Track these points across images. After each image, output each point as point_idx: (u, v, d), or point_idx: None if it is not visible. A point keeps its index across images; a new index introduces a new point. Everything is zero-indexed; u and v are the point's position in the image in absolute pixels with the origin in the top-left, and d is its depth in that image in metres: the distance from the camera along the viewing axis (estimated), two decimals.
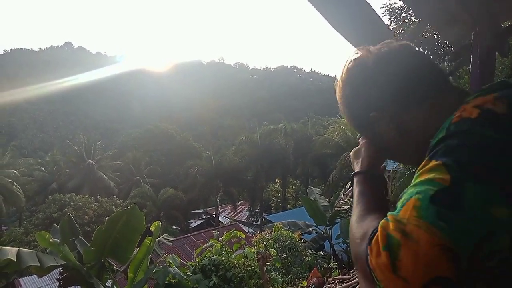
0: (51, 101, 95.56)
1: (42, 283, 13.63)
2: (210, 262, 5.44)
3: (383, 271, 0.60)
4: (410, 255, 0.57)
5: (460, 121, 0.69)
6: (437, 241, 0.56)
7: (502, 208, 0.58)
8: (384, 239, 0.61)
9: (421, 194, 0.61)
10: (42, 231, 5.34)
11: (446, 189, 0.60)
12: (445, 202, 0.59)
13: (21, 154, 61.21)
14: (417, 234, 0.57)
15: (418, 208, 0.60)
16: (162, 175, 41.01)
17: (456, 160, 0.63)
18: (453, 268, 0.55)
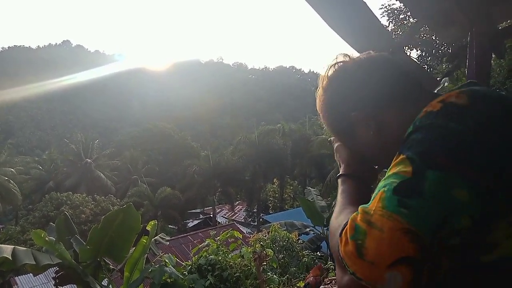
0: (49, 99, 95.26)
1: (38, 281, 13.59)
2: (207, 261, 5.43)
3: (350, 257, 0.65)
4: (374, 241, 0.62)
5: (425, 115, 0.74)
6: (399, 225, 0.61)
7: (463, 191, 0.63)
8: (352, 230, 0.66)
9: (386, 186, 0.66)
10: (38, 229, 5.31)
11: (407, 180, 0.65)
12: (406, 191, 0.64)
13: (18, 152, 61.02)
14: (380, 222, 0.63)
15: (383, 199, 0.65)
16: (159, 174, 40.96)
17: (417, 152, 0.68)
18: (416, 247, 0.60)
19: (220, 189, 32.58)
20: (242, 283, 5.45)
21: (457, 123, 0.69)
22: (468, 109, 0.71)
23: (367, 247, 0.63)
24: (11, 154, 42.48)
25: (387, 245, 0.61)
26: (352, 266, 0.65)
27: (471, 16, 2.03)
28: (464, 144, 0.66)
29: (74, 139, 43.23)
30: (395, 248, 0.60)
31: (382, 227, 0.62)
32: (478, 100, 0.73)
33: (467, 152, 0.66)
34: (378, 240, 0.62)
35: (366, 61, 0.94)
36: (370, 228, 0.63)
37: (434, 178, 0.64)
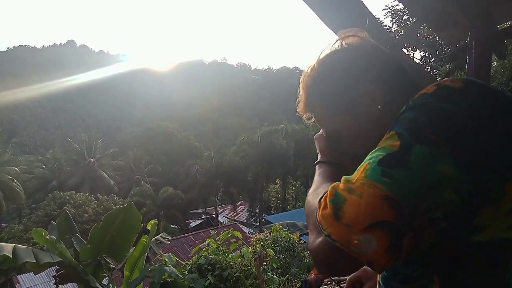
0: (53, 98, 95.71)
1: (40, 280, 13.65)
2: (207, 261, 5.43)
3: (327, 219, 0.66)
4: (352, 206, 0.63)
5: (419, 96, 0.74)
6: (379, 192, 0.62)
7: (449, 166, 0.63)
8: (332, 195, 0.67)
9: (372, 159, 0.67)
10: (39, 228, 5.33)
11: (394, 153, 0.66)
12: (391, 163, 0.65)
13: (22, 151, 61.33)
14: (360, 189, 0.64)
15: (366, 170, 0.66)
16: (162, 174, 41.03)
17: (407, 128, 0.68)
18: (393, 212, 0.61)
19: (222, 189, 32.62)
20: (242, 283, 5.44)
21: (450, 103, 0.69)
22: (462, 91, 0.72)
23: (344, 211, 0.64)
24: (15, 153, 42.69)
25: (364, 209, 0.62)
26: (328, 228, 0.66)
27: (471, 17, 2.02)
28: (456, 123, 0.67)
29: (77, 138, 43.46)
30: (372, 212, 0.61)
31: (362, 193, 0.63)
32: (472, 85, 0.74)
33: (457, 131, 0.66)
34: (356, 204, 0.63)
35: (373, 44, 0.93)
36: (350, 195, 0.64)
37: (420, 152, 0.64)
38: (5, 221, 38.62)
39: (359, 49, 0.92)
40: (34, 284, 13.97)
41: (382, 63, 0.89)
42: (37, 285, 13.67)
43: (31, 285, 14.10)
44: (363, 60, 0.90)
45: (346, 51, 0.93)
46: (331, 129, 0.99)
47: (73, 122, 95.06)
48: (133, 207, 5.28)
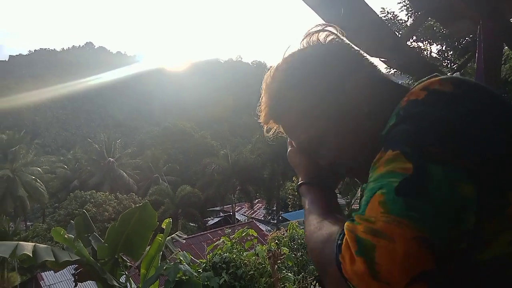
0: (73, 99, 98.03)
1: (63, 277, 14.02)
2: (221, 259, 5.47)
3: (362, 278, 0.54)
4: (387, 256, 0.52)
5: (408, 104, 0.66)
6: (411, 233, 0.52)
7: (468, 185, 0.56)
8: (355, 243, 0.56)
9: (385, 188, 0.57)
10: (58, 227, 5.47)
11: (409, 177, 0.57)
12: (411, 191, 0.56)
13: (45, 152, 63.02)
14: (389, 230, 0.53)
15: (384, 203, 0.56)
16: (180, 173, 41.51)
17: (413, 146, 0.60)
18: (433, 258, 0.52)
19: (239, 187, 32.75)
20: (257, 281, 5.46)
21: (447, 111, 0.62)
22: (456, 96, 0.65)
23: (379, 264, 0.53)
24: (38, 154, 43.93)
25: (402, 259, 0.52)
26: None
27: (479, 9, 1.96)
28: (459, 133, 0.60)
29: (97, 138, 44.34)
30: (412, 263, 0.52)
31: (392, 236, 0.53)
32: (463, 87, 0.67)
33: (463, 142, 0.59)
34: (390, 253, 0.52)
35: (327, 50, 0.83)
36: (378, 239, 0.54)
37: (437, 173, 0.56)
38: (30, 220, 39.81)
39: (339, 47, 0.83)
40: (57, 281, 14.39)
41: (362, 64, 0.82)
42: (60, 282, 14.07)
43: (54, 282, 14.53)
44: (345, 59, 0.81)
45: (327, 48, 0.83)
46: (307, 139, 0.84)
47: (92, 122, 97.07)
48: (148, 206, 5.36)
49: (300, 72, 0.81)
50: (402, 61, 1.95)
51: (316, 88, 0.80)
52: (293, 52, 0.84)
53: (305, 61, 0.82)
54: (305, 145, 0.87)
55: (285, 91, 0.82)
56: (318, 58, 0.82)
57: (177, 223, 28.03)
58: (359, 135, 0.79)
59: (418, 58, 2.48)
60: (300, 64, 0.82)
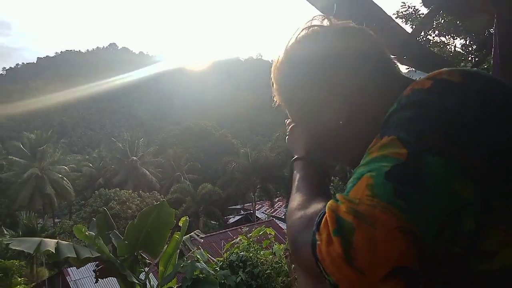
0: (98, 99, 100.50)
1: (88, 273, 14.42)
2: (238, 258, 5.49)
3: (335, 260, 0.50)
4: (366, 241, 0.48)
5: (412, 92, 0.61)
6: (396, 222, 0.48)
7: (467, 184, 0.51)
8: (334, 222, 0.51)
9: (374, 171, 0.53)
10: (79, 224, 5.63)
11: (402, 164, 0.52)
12: (403, 178, 0.51)
13: (71, 151, 64.89)
14: (372, 214, 0.49)
15: (371, 186, 0.52)
16: (201, 171, 41.95)
17: (411, 132, 0.55)
18: (415, 255, 0.48)
19: (259, 185, 32.79)
20: (273, 280, 5.45)
21: (453, 101, 0.57)
22: (464, 87, 0.59)
23: (356, 248, 0.48)
24: (65, 152, 45.26)
25: (382, 247, 0.47)
26: (335, 274, 0.50)
27: (493, 2, 1.89)
28: (465, 127, 0.55)
29: (121, 137, 45.29)
30: (392, 254, 0.47)
31: (375, 221, 0.48)
32: (474, 79, 0.61)
33: (468, 137, 0.54)
34: (370, 239, 0.48)
35: (342, 30, 0.79)
36: (359, 222, 0.49)
37: (434, 165, 0.51)
38: (58, 217, 41.13)
39: (319, 45, 0.78)
40: (82, 277, 14.82)
41: (349, 59, 0.75)
42: (85, 277, 14.49)
43: (79, 278, 14.97)
44: (319, 61, 0.76)
45: (297, 51, 0.80)
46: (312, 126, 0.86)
47: (117, 122, 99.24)
48: (165, 204, 5.45)
49: (285, 68, 0.81)
50: (414, 58, 1.90)
51: (292, 89, 0.81)
52: (290, 45, 0.82)
53: (289, 58, 0.81)
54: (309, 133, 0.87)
55: (277, 81, 0.83)
56: (296, 58, 0.80)
57: (198, 221, 28.36)
58: (333, 141, 0.79)
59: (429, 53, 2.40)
60: (286, 60, 0.81)
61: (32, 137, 35.67)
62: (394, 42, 1.79)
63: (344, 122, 0.75)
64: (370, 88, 0.74)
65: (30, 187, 30.90)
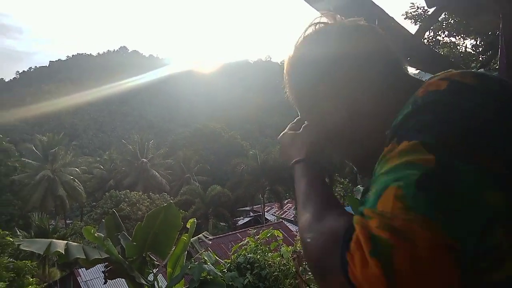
0: (109, 102, 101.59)
1: (98, 274, 14.56)
2: (245, 260, 5.49)
3: (375, 285, 0.44)
4: (408, 261, 0.43)
5: (428, 93, 0.57)
6: (438, 238, 0.43)
7: (498, 193, 0.47)
8: (368, 241, 0.46)
9: (402, 180, 0.48)
10: (88, 226, 5.69)
11: (432, 171, 0.47)
12: (435, 187, 0.46)
13: (83, 153, 65.67)
14: (411, 230, 0.44)
15: (402, 197, 0.46)
16: (210, 173, 42.10)
17: (435, 136, 0.51)
18: (458, 274, 0.43)
19: (268, 187, 32.76)
20: (281, 282, 5.44)
21: (474, 103, 0.53)
22: (480, 89, 0.56)
23: (398, 270, 0.43)
24: (76, 155, 45.82)
25: (427, 268, 0.42)
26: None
27: (498, 2, 1.86)
28: (490, 130, 0.51)
29: (131, 140, 45.69)
30: (438, 275, 0.42)
31: (415, 238, 0.43)
32: (487, 80, 0.59)
33: (494, 141, 0.50)
34: (413, 258, 0.43)
35: (352, 30, 0.77)
36: (397, 239, 0.44)
37: (464, 172, 0.47)
38: (70, 218, 41.61)
39: (317, 40, 0.77)
40: (92, 278, 14.97)
41: (353, 56, 0.73)
42: (95, 278, 14.63)
43: (90, 278, 15.12)
44: (321, 55, 0.75)
45: (302, 45, 0.79)
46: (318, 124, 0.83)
47: (127, 124, 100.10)
48: (172, 206, 5.47)
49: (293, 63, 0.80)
50: (418, 59, 1.88)
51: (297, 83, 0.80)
52: (299, 41, 0.81)
53: (297, 54, 0.80)
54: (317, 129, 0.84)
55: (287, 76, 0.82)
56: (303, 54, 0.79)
57: (207, 223, 28.44)
58: (339, 138, 0.77)
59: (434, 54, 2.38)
60: (294, 55, 0.80)
61: (44, 139, 36.21)
62: (396, 43, 1.78)
63: (351, 120, 0.73)
64: (379, 87, 0.72)
65: (42, 188, 31.33)
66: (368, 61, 0.73)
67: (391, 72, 0.73)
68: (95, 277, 14.62)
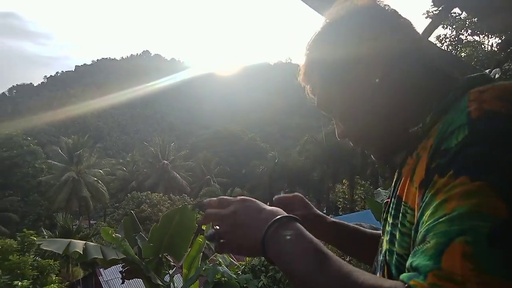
0: (132, 106, 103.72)
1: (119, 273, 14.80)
2: (260, 262, 5.48)
3: None
4: None
5: (487, 116, 0.49)
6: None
7: None
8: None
9: (470, 234, 0.41)
10: (106, 227, 5.80)
11: (504, 224, 0.41)
12: (510, 243, 0.40)
13: (107, 155, 67.20)
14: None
15: (472, 256, 0.40)
16: (230, 174, 42.31)
17: (508, 178, 0.43)
18: None
19: (287, 189, 32.64)
20: None
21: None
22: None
23: None
24: (100, 156, 46.90)
25: None
26: None
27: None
28: None
29: (153, 142, 46.44)
30: None
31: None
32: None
33: None
34: None
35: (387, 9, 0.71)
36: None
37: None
38: (94, 219, 42.59)
39: (367, 10, 0.70)
40: (113, 277, 15.26)
41: (393, 31, 0.67)
42: (116, 278, 14.89)
43: (111, 278, 15.43)
44: (368, 22, 0.69)
45: (350, 11, 0.71)
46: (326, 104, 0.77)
47: (150, 127, 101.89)
48: (187, 208, 5.52)
49: (325, 34, 0.73)
50: None
51: (332, 51, 0.71)
52: (331, 13, 0.74)
53: (332, 23, 0.73)
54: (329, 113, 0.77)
55: (313, 52, 0.75)
56: (341, 22, 0.71)
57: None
58: (367, 105, 0.69)
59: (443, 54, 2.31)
60: (325, 28, 0.73)
61: (70, 142, 37.21)
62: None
63: (380, 80, 0.67)
64: (404, 81, 0.66)
65: (68, 189, 32.19)
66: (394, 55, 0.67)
67: (421, 64, 0.68)
68: (116, 277, 14.89)
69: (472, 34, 9.22)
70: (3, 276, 9.52)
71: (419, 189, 0.54)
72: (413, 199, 0.56)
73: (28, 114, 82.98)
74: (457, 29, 9.23)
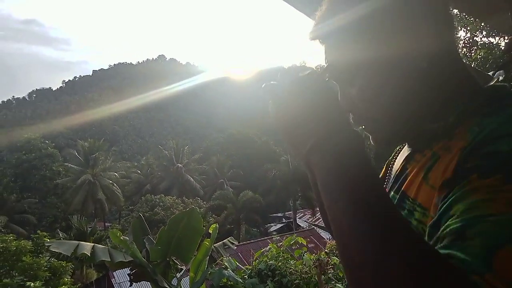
0: (148, 109, 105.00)
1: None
2: (266, 266, 5.45)
3: None
4: None
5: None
6: None
7: None
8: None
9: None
10: (115, 229, 5.86)
11: None
12: None
13: (122, 158, 68.12)
14: None
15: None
16: (243, 178, 42.27)
17: None
18: None
19: (300, 193, 32.41)
20: None
21: None
22: None
23: None
24: (116, 160, 47.59)
25: None
26: None
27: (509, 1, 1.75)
28: None
29: (167, 145, 46.85)
30: None
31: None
32: None
33: None
34: None
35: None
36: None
37: None
38: (109, 221, 43.13)
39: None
40: (125, 280, 15.37)
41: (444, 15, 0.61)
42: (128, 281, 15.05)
43: (123, 280, 15.54)
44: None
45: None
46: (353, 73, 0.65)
47: (164, 130, 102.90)
48: (195, 211, 5.54)
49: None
50: None
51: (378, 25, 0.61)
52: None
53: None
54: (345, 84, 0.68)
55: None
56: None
57: (239, 228, 28.52)
58: (404, 90, 0.62)
59: None
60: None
61: (86, 145, 37.80)
62: None
63: (428, 65, 0.60)
64: (442, 74, 0.61)
65: (83, 192, 32.69)
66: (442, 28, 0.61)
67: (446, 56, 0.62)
68: (128, 280, 15.05)
69: (487, 35, 9.00)
70: (17, 277, 9.71)
71: (439, 189, 0.51)
72: (426, 199, 0.54)
73: (47, 118, 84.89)
74: (471, 31, 9.03)
